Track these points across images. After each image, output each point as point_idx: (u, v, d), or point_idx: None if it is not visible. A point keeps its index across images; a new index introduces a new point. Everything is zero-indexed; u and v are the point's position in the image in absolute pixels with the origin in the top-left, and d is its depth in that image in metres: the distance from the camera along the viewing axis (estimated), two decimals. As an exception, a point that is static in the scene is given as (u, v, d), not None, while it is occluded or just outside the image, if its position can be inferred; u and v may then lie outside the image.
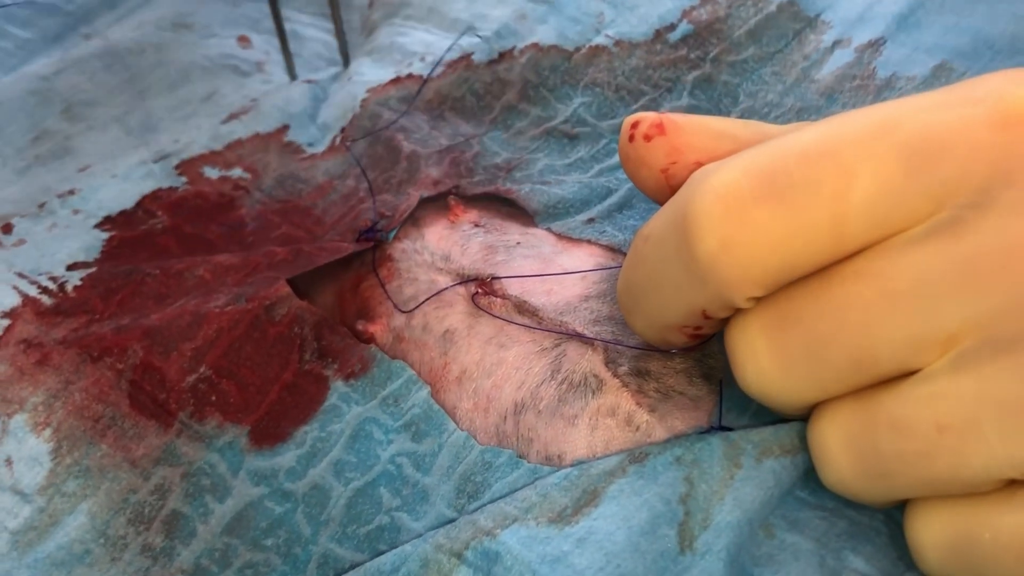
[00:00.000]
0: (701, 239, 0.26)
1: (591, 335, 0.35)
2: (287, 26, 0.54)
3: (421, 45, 0.52)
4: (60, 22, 0.59)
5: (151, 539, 0.33)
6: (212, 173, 0.47)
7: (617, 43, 0.49)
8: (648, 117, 0.32)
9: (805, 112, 0.43)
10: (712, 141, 0.31)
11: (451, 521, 0.32)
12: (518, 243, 0.40)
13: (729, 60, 0.47)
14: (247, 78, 0.54)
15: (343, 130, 0.49)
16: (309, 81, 0.53)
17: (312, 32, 0.58)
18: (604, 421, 0.33)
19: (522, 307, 0.37)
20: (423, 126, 0.48)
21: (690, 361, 0.35)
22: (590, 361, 0.34)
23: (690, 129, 0.31)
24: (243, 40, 0.57)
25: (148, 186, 0.46)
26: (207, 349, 0.37)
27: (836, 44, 0.46)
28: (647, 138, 0.32)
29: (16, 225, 0.44)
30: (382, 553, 0.31)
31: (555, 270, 0.38)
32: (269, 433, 0.36)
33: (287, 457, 0.35)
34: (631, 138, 0.32)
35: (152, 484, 0.35)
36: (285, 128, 0.49)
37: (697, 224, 0.27)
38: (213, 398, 0.37)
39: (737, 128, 0.31)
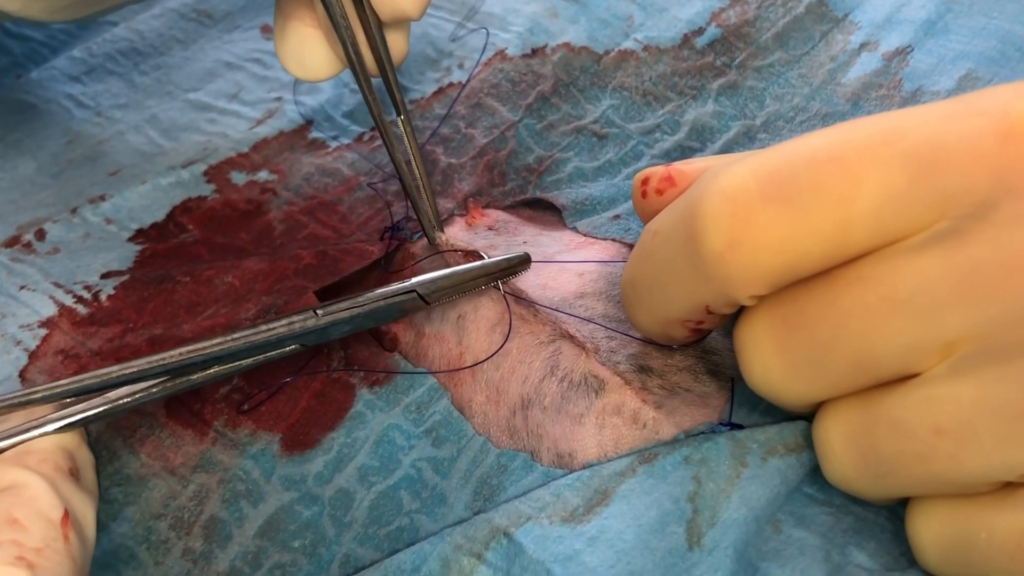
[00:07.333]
0: (708, 238, 0.29)
1: (584, 332, 0.38)
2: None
3: (455, 43, 0.55)
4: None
5: (191, 543, 0.36)
6: (239, 178, 0.50)
7: (645, 48, 0.52)
8: (656, 172, 0.35)
9: (831, 117, 0.45)
10: None
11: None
12: (524, 242, 0.43)
13: (755, 65, 0.49)
14: (270, 70, 0.57)
15: (373, 129, 0.52)
16: None
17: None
18: (611, 420, 0.36)
19: (518, 298, 0.40)
20: (459, 124, 0.51)
21: (691, 359, 0.37)
22: (585, 363, 0.37)
23: (698, 176, 0.33)
24: (267, 30, 0.60)
25: (178, 195, 0.49)
26: (239, 360, 0.41)
27: (863, 47, 0.48)
28: (659, 192, 0.34)
29: (49, 232, 0.48)
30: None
31: (555, 266, 0.41)
32: (299, 440, 0.38)
33: (316, 463, 0.38)
34: (644, 194, 0.35)
35: (191, 491, 0.38)
36: (309, 124, 0.53)
37: (704, 223, 0.29)
38: (246, 407, 0.39)
39: None
